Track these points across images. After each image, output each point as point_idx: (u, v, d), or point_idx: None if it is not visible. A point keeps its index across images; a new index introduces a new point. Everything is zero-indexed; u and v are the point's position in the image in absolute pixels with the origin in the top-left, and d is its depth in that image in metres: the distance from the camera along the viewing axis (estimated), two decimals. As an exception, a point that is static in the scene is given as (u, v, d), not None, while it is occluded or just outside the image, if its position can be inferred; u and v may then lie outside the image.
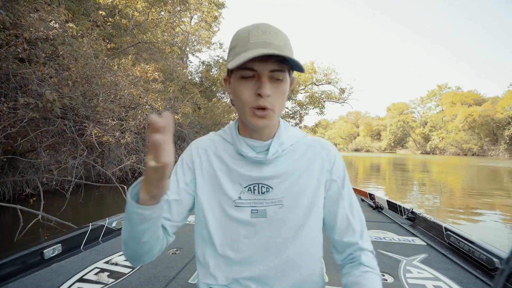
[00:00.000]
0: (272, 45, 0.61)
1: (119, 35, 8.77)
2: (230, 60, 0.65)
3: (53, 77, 4.40)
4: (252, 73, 0.63)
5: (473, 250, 1.78)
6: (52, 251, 1.67)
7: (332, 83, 21.75)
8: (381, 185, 10.14)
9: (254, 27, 0.64)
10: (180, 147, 8.72)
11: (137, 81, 6.42)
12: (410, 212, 2.67)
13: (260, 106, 0.63)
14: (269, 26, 0.64)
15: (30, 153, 5.28)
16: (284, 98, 0.67)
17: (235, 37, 0.66)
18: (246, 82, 0.64)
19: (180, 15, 15.94)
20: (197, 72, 18.32)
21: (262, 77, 0.63)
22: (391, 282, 1.54)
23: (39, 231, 3.68)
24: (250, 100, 0.64)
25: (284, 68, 0.64)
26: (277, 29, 0.64)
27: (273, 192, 0.73)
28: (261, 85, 0.62)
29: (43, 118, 4.86)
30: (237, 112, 0.71)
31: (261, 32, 0.62)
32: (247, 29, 0.64)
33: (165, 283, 1.49)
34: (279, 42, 0.62)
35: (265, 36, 0.62)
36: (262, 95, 0.62)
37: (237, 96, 0.66)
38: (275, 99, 0.65)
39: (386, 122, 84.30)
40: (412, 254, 1.89)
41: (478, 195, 7.76)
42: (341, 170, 0.78)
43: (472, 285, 1.51)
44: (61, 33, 4.77)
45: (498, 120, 52.92)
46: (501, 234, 4.43)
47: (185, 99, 9.36)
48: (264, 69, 0.62)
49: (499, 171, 17.13)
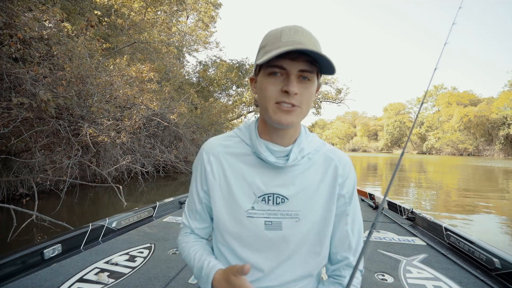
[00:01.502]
0: (303, 45, 0.59)
1: (115, 34, 8.72)
2: (259, 58, 0.64)
3: (47, 77, 4.35)
4: (281, 71, 0.62)
5: (473, 250, 1.78)
6: (52, 251, 1.68)
7: (329, 83, 21.77)
8: (378, 184, 10.15)
9: (287, 27, 0.63)
10: (176, 147, 8.67)
11: (133, 81, 6.39)
12: (410, 212, 2.68)
13: (285, 102, 0.62)
14: (301, 27, 0.64)
15: (24, 153, 5.22)
16: (311, 99, 0.65)
17: (267, 36, 0.65)
18: (274, 79, 0.63)
19: (177, 14, 15.90)
20: (194, 72, 18.29)
21: (291, 76, 0.61)
22: (391, 282, 1.53)
23: (33, 232, 3.64)
24: (275, 95, 0.62)
25: (313, 69, 0.63)
26: (309, 32, 0.64)
27: (288, 203, 0.70)
28: (289, 83, 0.61)
29: (38, 118, 4.82)
30: (260, 110, 0.69)
31: (293, 32, 0.62)
32: (279, 29, 0.64)
33: (165, 283, 1.48)
34: (310, 42, 0.61)
35: (297, 36, 0.61)
36: (289, 93, 0.60)
37: (262, 91, 0.64)
38: (302, 98, 0.63)
39: (383, 122, 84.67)
40: (412, 254, 1.89)
41: (474, 195, 7.79)
42: (352, 185, 0.76)
43: (472, 285, 1.51)
44: (56, 33, 4.72)
45: (493, 120, 53.53)
46: (495, 232, 4.45)
47: (181, 99, 9.31)
48: (294, 67, 0.61)
49: (494, 170, 17.26)
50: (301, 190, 0.70)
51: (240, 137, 0.75)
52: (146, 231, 2.27)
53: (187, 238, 0.80)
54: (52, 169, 4.85)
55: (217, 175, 0.73)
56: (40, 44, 4.52)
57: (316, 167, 0.73)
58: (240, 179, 0.71)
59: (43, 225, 3.61)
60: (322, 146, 0.77)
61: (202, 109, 11.77)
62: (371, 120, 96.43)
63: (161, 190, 7.24)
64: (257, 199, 0.70)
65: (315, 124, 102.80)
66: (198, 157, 0.77)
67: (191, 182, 0.80)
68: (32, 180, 4.57)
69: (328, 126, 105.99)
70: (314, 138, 0.77)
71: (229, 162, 0.73)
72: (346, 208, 0.74)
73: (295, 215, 0.70)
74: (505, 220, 5.20)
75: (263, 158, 0.69)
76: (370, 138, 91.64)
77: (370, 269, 1.67)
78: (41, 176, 4.66)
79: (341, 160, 0.75)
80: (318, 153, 0.75)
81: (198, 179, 0.77)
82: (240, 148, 0.74)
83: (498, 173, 15.33)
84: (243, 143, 0.74)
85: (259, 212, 0.70)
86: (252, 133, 0.73)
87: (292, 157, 0.69)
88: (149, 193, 6.67)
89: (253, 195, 0.70)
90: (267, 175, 0.70)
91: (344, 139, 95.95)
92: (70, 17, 6.68)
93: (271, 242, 0.70)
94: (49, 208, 4.49)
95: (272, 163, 0.69)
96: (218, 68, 16.65)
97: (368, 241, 0.53)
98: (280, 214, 0.70)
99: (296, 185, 0.70)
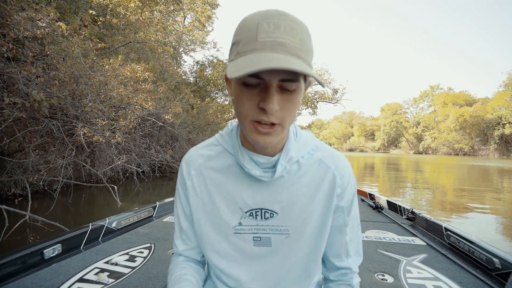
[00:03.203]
0: (285, 47, 0.46)
1: (110, 34, 8.66)
2: (232, 59, 0.51)
3: (40, 77, 4.30)
4: (257, 81, 0.49)
5: (473, 250, 1.78)
6: (52, 251, 1.67)
7: (325, 83, 21.84)
8: (375, 184, 10.18)
9: (265, 17, 0.48)
10: (172, 147, 8.63)
11: (127, 81, 6.35)
12: (410, 212, 2.68)
13: (263, 121, 0.50)
14: (285, 16, 0.48)
15: (18, 153, 5.17)
16: (295, 109, 0.53)
17: (240, 29, 0.51)
18: (248, 91, 0.50)
19: (174, 14, 15.84)
20: (191, 72, 18.26)
21: (270, 88, 0.49)
22: (391, 282, 1.53)
23: (26, 232, 3.63)
24: (251, 113, 0.51)
25: (298, 77, 0.49)
26: (294, 22, 0.49)
27: (277, 218, 0.64)
28: (268, 98, 0.48)
29: (31, 118, 4.78)
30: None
31: (273, 27, 0.47)
32: (256, 19, 0.49)
33: (165, 283, 1.46)
34: (295, 41, 0.47)
35: (277, 33, 0.47)
36: (267, 110, 0.49)
37: (236, 104, 0.53)
38: (285, 113, 0.51)
39: (380, 122, 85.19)
40: (412, 254, 1.88)
41: (469, 194, 7.85)
42: (351, 195, 0.68)
43: (472, 285, 1.50)
44: (50, 32, 4.67)
45: (488, 120, 54.19)
46: (490, 230, 4.47)
47: (177, 99, 9.27)
48: (273, 78, 0.48)
49: (489, 170, 17.43)
50: (292, 204, 0.64)
51: (222, 146, 0.67)
52: (146, 231, 2.27)
53: (173, 265, 0.73)
54: (46, 169, 4.80)
55: (199, 191, 0.67)
56: (33, 44, 4.48)
57: (310, 176, 0.64)
58: (225, 194, 0.65)
59: (37, 226, 3.58)
60: (317, 150, 0.67)
61: (199, 109, 11.74)
62: (368, 120, 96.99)
63: (157, 190, 7.20)
64: (244, 215, 0.64)
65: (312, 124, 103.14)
66: (179, 171, 0.71)
67: (175, 197, 0.73)
68: (25, 180, 4.53)
69: (326, 126, 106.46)
70: (306, 139, 0.67)
71: (211, 176, 0.66)
72: (345, 219, 0.68)
73: (285, 231, 0.64)
74: (500, 219, 5.24)
75: (247, 171, 0.61)
76: (367, 138, 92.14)
77: (370, 269, 1.66)
78: (34, 177, 4.62)
79: (339, 168, 0.66)
80: (312, 158, 0.66)
81: (181, 194, 0.70)
82: (222, 159, 0.66)
83: (493, 173, 15.48)
84: (226, 152, 0.66)
85: (246, 228, 0.65)
86: (234, 141, 0.64)
87: (279, 169, 0.60)
88: (145, 193, 6.63)
89: (239, 210, 0.64)
90: (253, 188, 0.63)
91: (341, 139, 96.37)
92: (65, 16, 6.62)
93: (261, 259, 0.66)
94: (43, 209, 4.46)
95: (257, 178, 0.62)
96: (215, 68, 16.65)
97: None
98: (270, 230, 0.64)
99: (286, 198, 0.63)
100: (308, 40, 0.50)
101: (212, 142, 0.70)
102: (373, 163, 25.19)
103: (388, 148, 79.49)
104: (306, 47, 0.49)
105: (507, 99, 49.78)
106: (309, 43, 0.50)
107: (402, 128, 76.82)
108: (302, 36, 0.49)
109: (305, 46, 0.49)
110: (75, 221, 4.36)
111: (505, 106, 50.49)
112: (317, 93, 22.16)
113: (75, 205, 5.26)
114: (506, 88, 51.67)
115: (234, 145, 0.64)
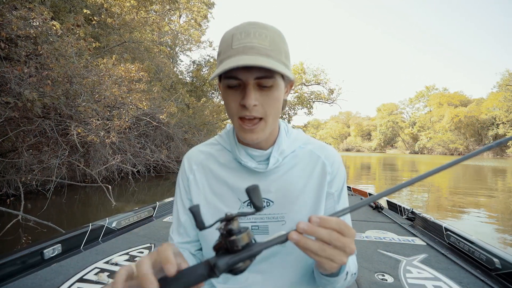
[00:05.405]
0: (255, 49, 0.53)
1: (105, 34, 8.57)
2: (217, 66, 0.59)
3: (32, 76, 4.23)
4: (237, 82, 0.56)
5: (473, 250, 1.78)
6: (52, 251, 1.68)
7: (321, 83, 21.89)
8: (371, 184, 10.21)
9: (238, 29, 0.57)
10: (167, 146, 8.57)
11: (121, 81, 6.29)
12: (410, 212, 2.69)
13: (245, 116, 0.57)
14: (254, 25, 0.57)
15: (11, 153, 5.10)
16: (278, 104, 0.60)
17: (221, 42, 0.60)
18: (232, 92, 0.58)
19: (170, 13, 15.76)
20: (188, 71, 18.18)
21: (247, 86, 0.56)
22: (391, 282, 1.52)
23: (19, 232, 3.59)
24: (236, 111, 0.59)
25: (272, 74, 0.55)
26: (263, 28, 0.57)
27: (274, 207, 0.68)
28: (245, 95, 0.56)
29: (24, 117, 4.71)
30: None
31: (244, 35, 0.55)
32: (231, 32, 0.57)
33: None
34: (264, 44, 0.54)
35: (248, 39, 0.55)
36: (246, 106, 0.56)
37: (226, 106, 0.61)
38: (266, 108, 0.58)
39: (376, 122, 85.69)
40: (412, 254, 1.87)
41: (464, 194, 7.91)
42: (341, 182, 0.72)
43: (472, 285, 1.50)
44: (44, 31, 4.60)
45: (482, 120, 54.86)
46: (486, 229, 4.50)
47: (171, 98, 9.20)
48: (249, 77, 0.55)
49: (483, 169, 17.61)
50: (286, 192, 0.68)
51: (221, 144, 0.74)
52: (146, 231, 2.28)
53: None
54: (39, 169, 4.73)
55: (200, 184, 0.72)
56: (26, 43, 4.41)
57: (302, 166, 0.70)
58: (224, 185, 0.70)
59: (29, 226, 3.54)
60: (308, 143, 0.73)
61: (195, 109, 11.68)
62: (364, 120, 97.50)
63: (152, 190, 7.14)
64: (242, 205, 0.69)
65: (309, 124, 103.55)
66: (181, 167, 0.76)
67: (175, 192, 0.78)
68: (18, 180, 4.48)
69: (322, 126, 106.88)
70: (298, 135, 0.74)
71: (212, 170, 0.72)
72: (335, 206, 0.71)
73: (281, 218, 0.68)
74: (495, 217, 5.27)
75: (243, 164, 0.68)
76: (363, 138, 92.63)
77: (370, 269, 1.66)
78: (27, 176, 4.56)
79: (329, 157, 0.71)
80: (303, 150, 0.72)
81: (182, 189, 0.75)
82: (222, 155, 0.73)
83: (487, 172, 15.64)
84: (225, 150, 0.73)
85: (245, 217, 0.67)
86: (231, 139, 0.72)
87: (272, 161, 0.67)
88: (140, 193, 6.57)
89: (238, 200, 0.69)
90: (250, 179, 0.69)
91: (338, 139, 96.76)
92: (60, 15, 6.53)
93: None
94: (36, 209, 4.43)
95: (252, 169, 0.68)
96: (212, 68, 16.58)
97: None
98: (266, 218, 0.68)
99: (280, 187, 0.68)
100: (279, 41, 0.57)
101: (212, 141, 0.78)
102: (370, 163, 25.32)
103: (384, 148, 79.97)
104: (276, 47, 0.56)
105: (501, 100, 50.35)
106: (281, 44, 0.57)
107: (398, 128, 77.33)
108: (272, 39, 0.56)
109: (276, 47, 0.56)
110: (69, 221, 4.32)
111: (499, 106, 51.08)
112: (313, 93, 22.23)
113: (69, 205, 5.21)
114: (499, 88, 52.22)
115: (231, 142, 0.71)
